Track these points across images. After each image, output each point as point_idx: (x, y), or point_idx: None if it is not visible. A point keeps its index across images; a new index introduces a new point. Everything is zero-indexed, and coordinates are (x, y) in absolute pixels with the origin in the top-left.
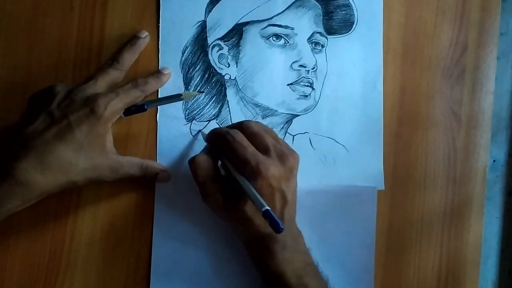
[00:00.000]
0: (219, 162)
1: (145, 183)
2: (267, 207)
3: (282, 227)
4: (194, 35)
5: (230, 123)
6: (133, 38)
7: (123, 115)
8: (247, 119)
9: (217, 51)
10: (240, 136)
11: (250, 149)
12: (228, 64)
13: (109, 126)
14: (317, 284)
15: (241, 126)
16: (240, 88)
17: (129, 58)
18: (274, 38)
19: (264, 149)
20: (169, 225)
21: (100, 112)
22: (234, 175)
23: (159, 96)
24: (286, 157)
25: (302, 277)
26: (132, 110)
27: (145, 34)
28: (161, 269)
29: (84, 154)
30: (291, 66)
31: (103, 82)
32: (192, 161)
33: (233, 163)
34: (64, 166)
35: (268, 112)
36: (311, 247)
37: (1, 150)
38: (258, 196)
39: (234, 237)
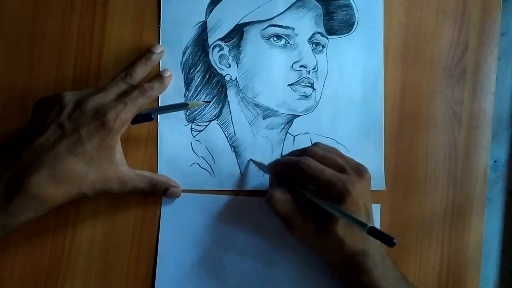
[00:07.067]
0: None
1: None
2: (371, 224)
3: (395, 240)
4: (194, 36)
5: (231, 124)
6: (147, 53)
7: (129, 124)
8: (247, 119)
9: (218, 52)
10: (313, 161)
11: (328, 171)
12: (229, 64)
13: (118, 138)
14: None
15: (306, 153)
16: (240, 88)
17: (141, 72)
18: (275, 39)
19: (340, 169)
20: (175, 231)
21: (110, 126)
22: (319, 204)
23: (159, 99)
24: (362, 170)
25: None
26: (139, 119)
27: (160, 49)
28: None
29: (94, 166)
30: (291, 66)
31: (113, 95)
32: (271, 198)
33: (315, 189)
34: (75, 179)
35: (268, 112)
36: None
37: (12, 161)
38: (355, 216)
39: (243, 254)
